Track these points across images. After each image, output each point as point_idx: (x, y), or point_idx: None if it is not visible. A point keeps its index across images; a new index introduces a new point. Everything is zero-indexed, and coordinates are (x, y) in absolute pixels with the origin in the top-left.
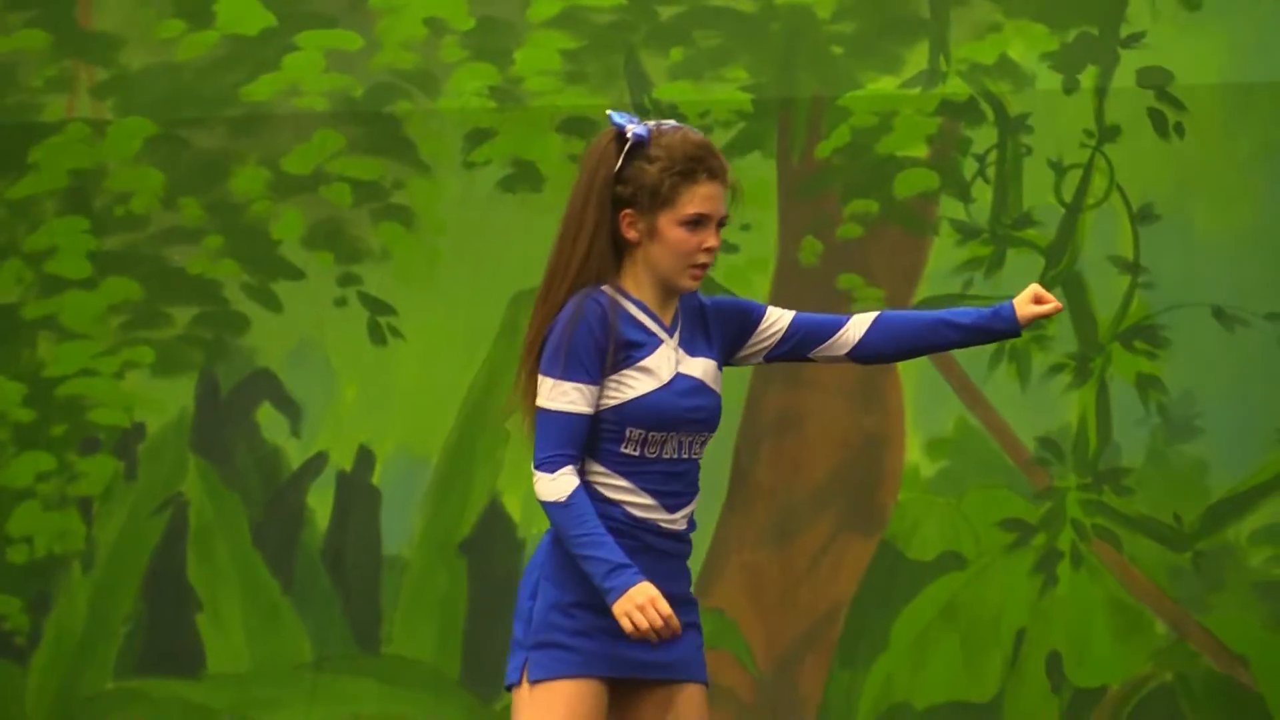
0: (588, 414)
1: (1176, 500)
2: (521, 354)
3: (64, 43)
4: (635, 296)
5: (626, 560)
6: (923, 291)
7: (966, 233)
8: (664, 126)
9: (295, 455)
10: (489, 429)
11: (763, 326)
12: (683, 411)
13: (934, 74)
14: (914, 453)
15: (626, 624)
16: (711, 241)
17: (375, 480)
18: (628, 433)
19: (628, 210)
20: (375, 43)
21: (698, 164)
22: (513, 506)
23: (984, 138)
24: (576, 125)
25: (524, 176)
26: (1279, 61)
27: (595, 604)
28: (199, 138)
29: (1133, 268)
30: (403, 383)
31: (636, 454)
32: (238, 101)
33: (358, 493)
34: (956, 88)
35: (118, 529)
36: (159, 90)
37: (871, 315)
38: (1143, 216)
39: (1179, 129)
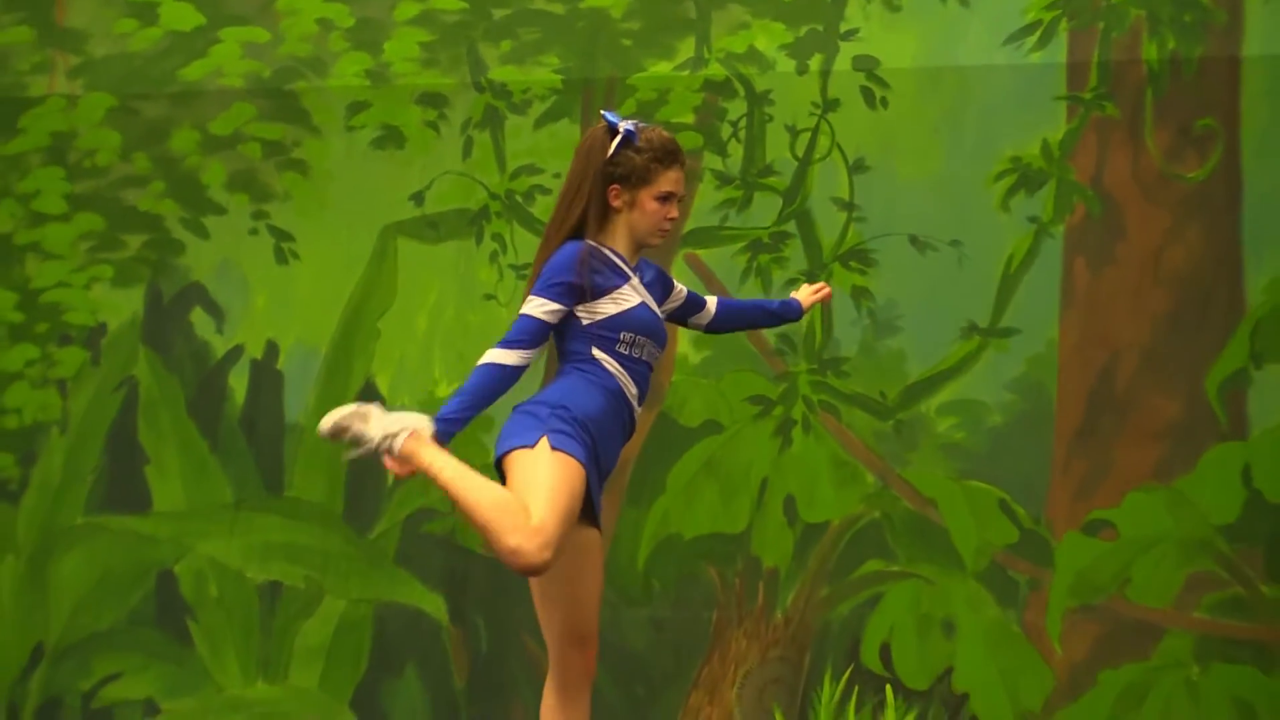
0: (550, 324)
1: (882, 381)
2: (528, 281)
3: (45, 36)
4: (611, 247)
5: (458, 429)
6: (691, 224)
7: (723, 180)
8: (644, 126)
9: (219, 347)
10: (364, 328)
11: (673, 295)
12: (653, 321)
13: (699, 60)
14: (684, 345)
15: (390, 462)
16: (673, 213)
17: (280, 366)
18: (621, 335)
19: (614, 185)
20: (280, 37)
21: (672, 155)
22: (383, 385)
23: (736, 108)
24: (431, 99)
25: (391, 138)
26: (957, 51)
27: (603, 438)
28: (147, 108)
29: (848, 206)
30: (300, 293)
31: (627, 353)
32: (176, 80)
33: (266, 375)
34: (716, 70)
35: (86, 402)
36: (117, 72)
37: (715, 300)
38: (856, 167)
39: (884, 102)
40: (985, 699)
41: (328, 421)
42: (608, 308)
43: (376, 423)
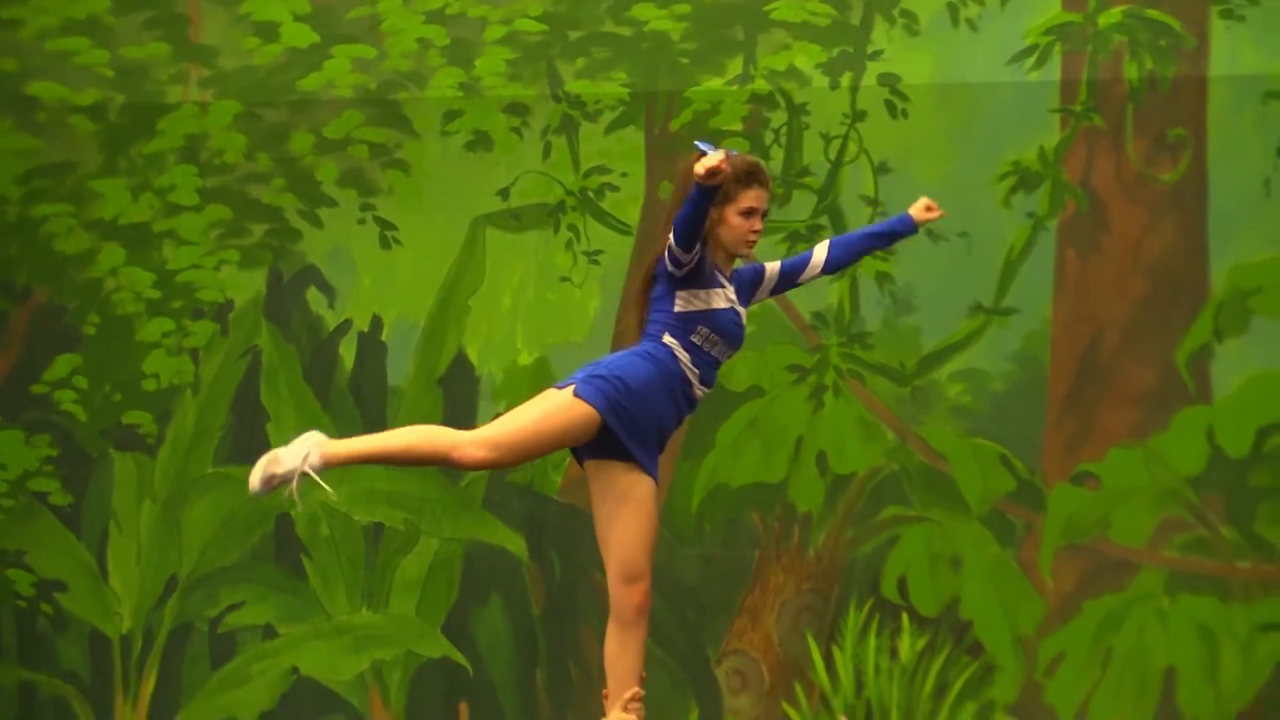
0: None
1: (901, 353)
2: (645, 271)
3: (180, 51)
4: (710, 258)
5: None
6: None
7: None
8: (731, 153)
9: (331, 321)
10: (456, 305)
11: (765, 280)
12: (731, 326)
13: (746, 76)
14: None
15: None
16: (757, 225)
17: (383, 337)
18: (699, 329)
19: (721, 206)
20: (385, 53)
21: (752, 175)
22: (472, 354)
23: (778, 118)
24: (515, 108)
25: (480, 142)
26: (967, 70)
27: (649, 410)
28: (269, 114)
29: (873, 203)
30: (401, 274)
31: (700, 344)
32: (294, 90)
33: (372, 346)
34: (761, 85)
35: (215, 369)
36: (243, 83)
37: (825, 243)
38: (880, 170)
39: (904, 113)
40: (987, 624)
41: (255, 486)
42: (698, 303)
43: (285, 458)
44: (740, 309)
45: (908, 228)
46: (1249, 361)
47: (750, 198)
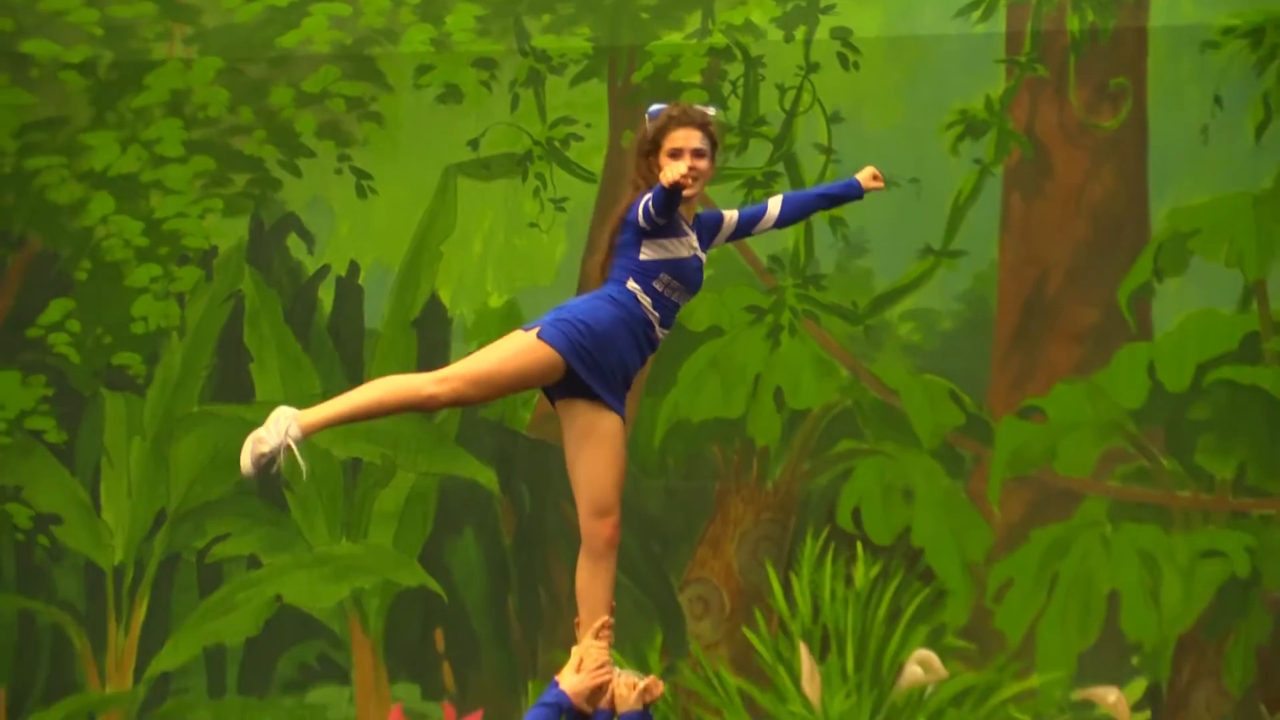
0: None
1: (854, 294)
2: (614, 220)
3: (165, 10)
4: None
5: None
6: None
7: (724, 130)
8: (668, 105)
9: (310, 266)
10: (429, 250)
11: (724, 226)
12: (692, 273)
13: (704, 30)
14: None
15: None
16: (689, 163)
17: (360, 281)
18: (661, 276)
19: (650, 158)
20: (360, 11)
21: (674, 119)
22: (445, 297)
23: (735, 71)
24: (484, 62)
25: (451, 95)
26: (915, 22)
27: (612, 354)
28: (250, 70)
29: (827, 150)
30: (377, 221)
31: (662, 290)
32: (274, 47)
33: (349, 290)
34: (718, 39)
35: (200, 312)
36: (225, 40)
37: (779, 198)
38: (833, 119)
39: (856, 65)
40: (938, 552)
41: (247, 467)
42: (663, 252)
43: (268, 436)
44: (701, 255)
45: (855, 192)
46: (1188, 300)
47: (675, 139)
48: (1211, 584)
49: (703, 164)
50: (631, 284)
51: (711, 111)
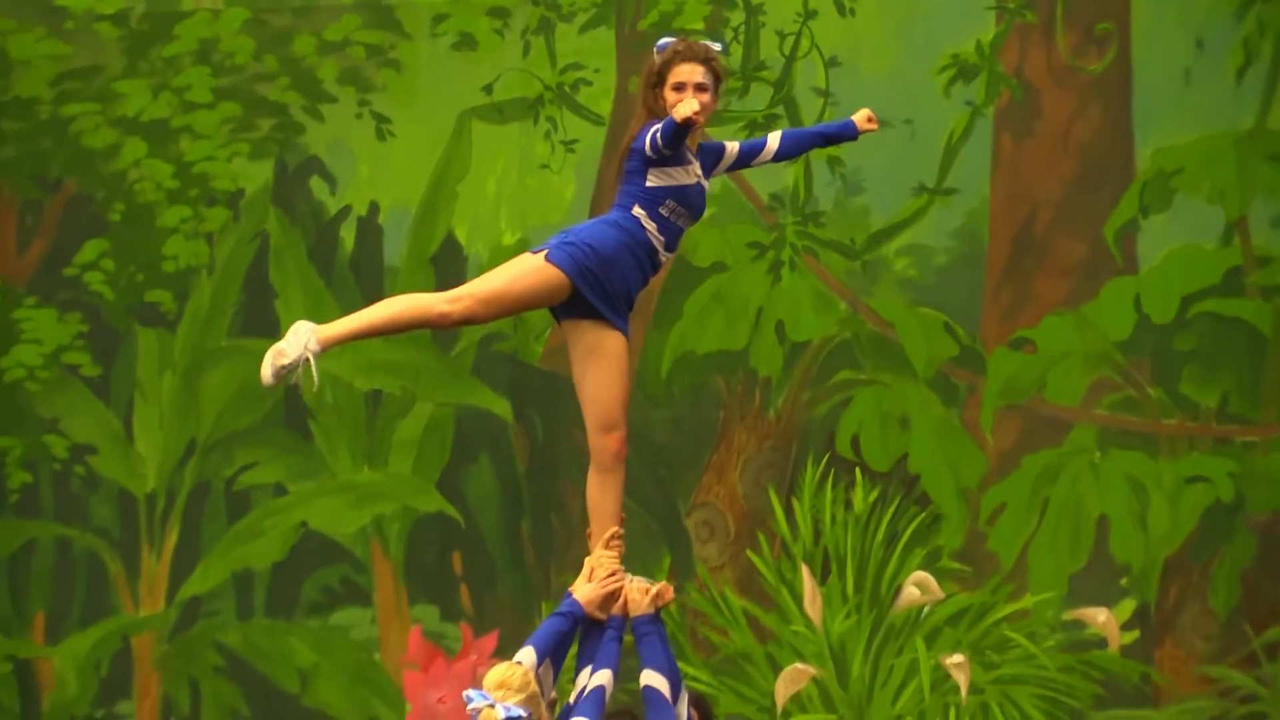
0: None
1: (852, 230)
2: (621, 148)
3: None
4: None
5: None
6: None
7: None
8: (674, 40)
9: (333, 207)
10: (446, 191)
11: (726, 156)
12: (696, 199)
13: None
14: None
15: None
16: (693, 95)
17: (380, 221)
18: (667, 202)
19: (656, 90)
20: None
21: (678, 53)
22: (460, 235)
23: (736, 18)
24: (497, 11)
25: (466, 42)
26: None
27: (617, 276)
28: (274, 19)
29: (825, 94)
30: (395, 164)
31: (667, 215)
32: None
33: (369, 229)
34: None
35: (228, 250)
36: None
37: (779, 134)
38: (831, 63)
39: (852, 11)
40: (933, 479)
41: (267, 377)
42: (669, 180)
43: (288, 348)
44: (704, 182)
45: (850, 133)
46: (1172, 235)
47: (678, 73)
48: (1197, 508)
49: (705, 98)
50: (637, 209)
51: (716, 47)
